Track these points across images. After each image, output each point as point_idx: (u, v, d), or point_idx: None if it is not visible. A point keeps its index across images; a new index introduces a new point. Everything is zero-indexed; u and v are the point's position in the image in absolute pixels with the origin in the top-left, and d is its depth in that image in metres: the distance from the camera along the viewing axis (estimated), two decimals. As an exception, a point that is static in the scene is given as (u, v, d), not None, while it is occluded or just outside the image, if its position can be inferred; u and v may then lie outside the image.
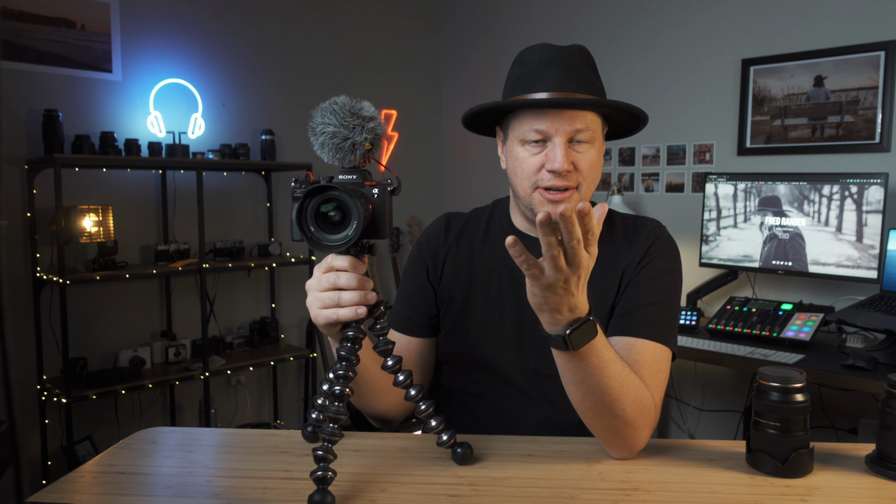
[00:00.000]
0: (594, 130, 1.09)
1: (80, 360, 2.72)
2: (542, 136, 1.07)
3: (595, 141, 1.10)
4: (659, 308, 1.10)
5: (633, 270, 1.14)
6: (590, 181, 1.10)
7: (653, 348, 1.06)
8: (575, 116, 1.06)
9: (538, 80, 1.08)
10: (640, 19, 3.21)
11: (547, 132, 1.07)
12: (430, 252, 1.26)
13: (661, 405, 1.05)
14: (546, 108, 1.06)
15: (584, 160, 1.08)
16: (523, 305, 1.15)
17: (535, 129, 1.07)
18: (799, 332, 2.24)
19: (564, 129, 1.06)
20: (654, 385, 1.03)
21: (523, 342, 1.16)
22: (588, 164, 1.08)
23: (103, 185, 2.89)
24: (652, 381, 1.03)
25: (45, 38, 2.70)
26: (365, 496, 0.88)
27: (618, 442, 0.98)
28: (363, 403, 1.14)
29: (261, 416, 3.47)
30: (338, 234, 0.87)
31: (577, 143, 1.08)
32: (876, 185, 2.31)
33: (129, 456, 1.04)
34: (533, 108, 1.08)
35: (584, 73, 1.09)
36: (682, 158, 3.08)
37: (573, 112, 1.06)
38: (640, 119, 1.14)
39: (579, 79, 1.08)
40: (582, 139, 1.08)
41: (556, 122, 1.06)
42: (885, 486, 0.90)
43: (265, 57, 3.38)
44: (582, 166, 1.08)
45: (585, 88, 1.08)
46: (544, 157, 1.08)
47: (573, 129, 1.06)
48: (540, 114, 1.07)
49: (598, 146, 1.11)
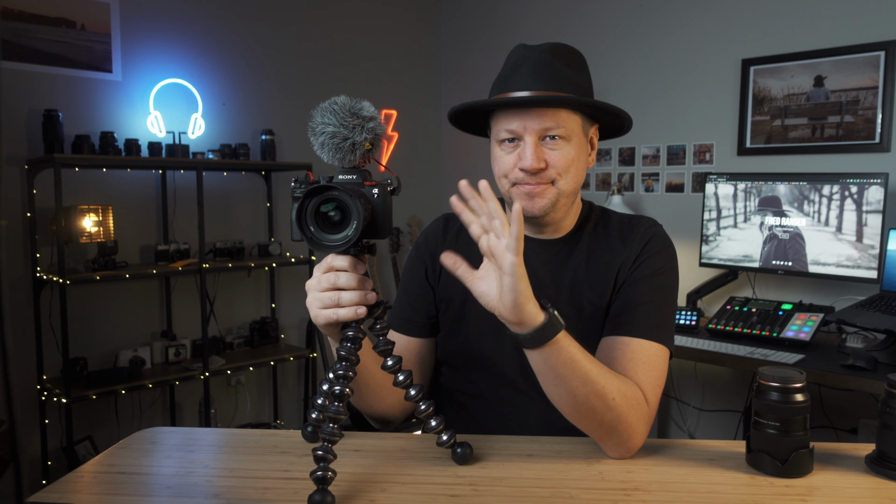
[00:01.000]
0: (568, 128, 1.08)
1: (80, 360, 2.72)
2: (513, 135, 1.09)
3: (572, 138, 1.09)
4: (654, 307, 1.10)
5: (628, 270, 1.14)
6: (567, 178, 1.10)
7: (648, 347, 1.06)
8: (544, 114, 1.07)
9: (510, 81, 1.11)
10: (640, 19, 3.21)
11: (517, 131, 1.08)
12: (429, 253, 1.26)
13: (659, 404, 1.05)
14: (514, 108, 1.08)
15: (558, 157, 1.08)
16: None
17: (506, 128, 1.09)
18: (799, 332, 2.24)
19: (534, 128, 1.07)
20: (649, 383, 1.03)
21: None
22: (563, 160, 1.08)
23: (103, 185, 2.89)
24: (646, 379, 1.02)
25: (45, 38, 2.70)
26: (365, 496, 0.88)
27: (613, 440, 0.98)
28: (363, 404, 1.14)
29: (261, 416, 3.47)
30: (338, 234, 0.87)
31: (550, 141, 1.08)
32: (876, 185, 2.31)
33: (129, 456, 1.04)
34: (505, 109, 1.10)
35: (556, 71, 1.09)
36: (682, 158, 3.08)
37: (542, 110, 1.07)
38: (616, 114, 1.13)
39: (549, 77, 1.08)
40: (555, 135, 1.08)
41: (524, 120, 1.07)
42: (885, 486, 0.90)
43: (265, 57, 3.38)
44: (556, 163, 1.08)
45: (556, 86, 1.08)
46: (517, 156, 1.09)
47: (542, 128, 1.07)
48: (511, 114, 1.09)
49: (577, 143, 1.10)
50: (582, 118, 1.12)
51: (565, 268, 1.18)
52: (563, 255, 1.19)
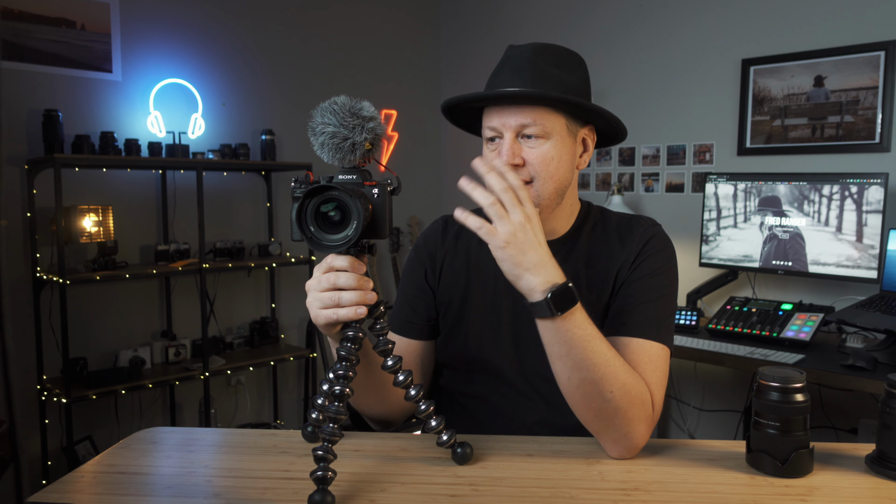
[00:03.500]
0: (547, 126, 1.07)
1: (80, 360, 2.72)
2: (494, 132, 1.10)
3: (551, 136, 1.08)
4: (654, 306, 1.09)
5: (628, 270, 1.13)
6: (545, 177, 1.08)
7: (648, 346, 1.05)
8: (522, 111, 1.07)
9: (494, 80, 1.13)
10: (640, 19, 3.21)
11: (497, 128, 1.10)
12: (429, 255, 1.26)
13: (662, 405, 1.05)
14: (495, 106, 1.10)
15: (534, 155, 1.08)
16: (520, 307, 1.15)
17: (488, 126, 1.11)
18: (799, 332, 2.24)
19: (510, 125, 1.08)
20: (653, 382, 1.02)
21: (521, 344, 1.16)
22: (539, 158, 1.08)
23: (103, 185, 2.89)
24: (650, 379, 1.02)
25: (45, 38, 2.70)
26: (365, 496, 0.88)
27: (612, 435, 0.97)
28: (363, 405, 1.14)
29: (261, 416, 3.47)
30: (338, 234, 0.87)
31: (527, 139, 1.08)
32: (876, 185, 2.31)
33: (129, 456, 1.04)
34: (488, 108, 1.11)
35: (539, 70, 1.09)
36: (682, 158, 3.08)
37: (519, 108, 1.07)
38: (601, 115, 1.12)
39: (529, 75, 1.08)
40: (531, 134, 1.08)
41: (503, 117, 1.08)
42: (885, 486, 0.90)
43: (265, 57, 3.38)
44: (532, 160, 1.08)
45: (535, 84, 1.08)
46: (497, 153, 1.10)
47: (518, 124, 1.07)
48: (493, 112, 1.10)
49: (558, 143, 1.09)
50: (567, 118, 1.10)
51: (563, 269, 1.17)
52: (560, 256, 1.18)
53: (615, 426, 0.96)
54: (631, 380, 0.97)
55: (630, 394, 0.96)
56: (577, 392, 0.96)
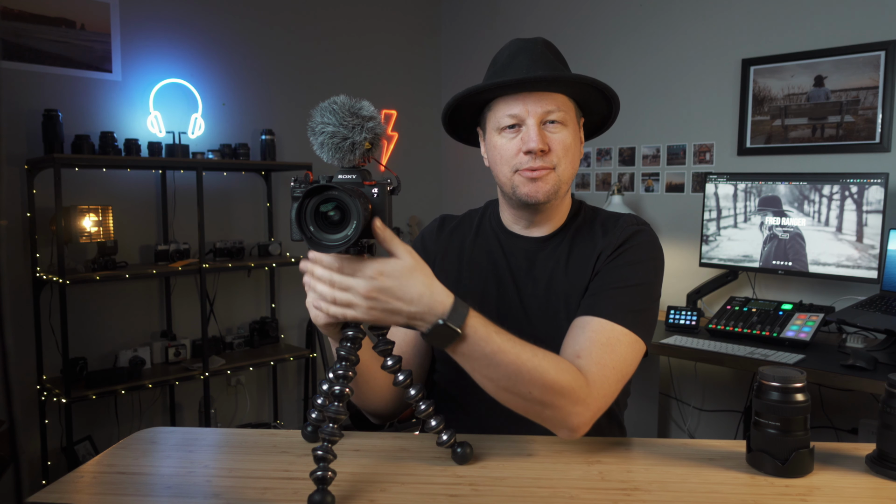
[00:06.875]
0: (566, 112, 1.12)
1: (80, 360, 2.72)
2: (515, 119, 1.11)
3: (568, 123, 1.13)
4: (625, 293, 1.08)
5: (606, 258, 1.14)
6: (566, 163, 1.13)
7: (610, 328, 1.04)
8: (544, 98, 1.10)
9: (508, 69, 1.13)
10: (641, 19, 3.21)
11: (520, 115, 1.11)
12: (424, 250, 1.28)
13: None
14: (516, 93, 1.11)
15: (558, 141, 1.11)
16: (503, 306, 1.18)
17: (508, 114, 1.12)
18: (799, 332, 2.24)
19: (535, 111, 1.10)
20: (602, 364, 1.00)
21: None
22: (562, 145, 1.11)
23: (103, 185, 2.88)
24: (600, 360, 1.00)
25: (45, 38, 2.70)
26: (365, 496, 0.88)
27: (549, 423, 0.97)
28: (360, 401, 1.15)
29: (261, 416, 3.47)
30: (337, 233, 0.87)
31: (550, 125, 1.12)
32: (876, 185, 2.31)
33: (129, 456, 1.04)
34: (505, 96, 1.12)
35: (550, 60, 1.13)
36: (682, 158, 3.08)
37: (542, 94, 1.10)
38: (611, 100, 1.16)
39: (546, 64, 1.12)
40: (554, 120, 1.11)
41: (526, 104, 1.10)
42: (885, 486, 0.90)
43: (265, 57, 3.38)
44: (556, 147, 1.11)
45: (552, 72, 1.12)
46: (520, 140, 1.11)
47: (544, 111, 1.10)
48: (511, 99, 1.11)
49: (573, 129, 1.14)
50: (575, 107, 1.15)
51: (547, 263, 1.19)
52: (548, 249, 1.21)
53: (546, 417, 0.96)
54: (553, 373, 0.94)
55: (553, 388, 0.93)
56: (500, 396, 0.96)
